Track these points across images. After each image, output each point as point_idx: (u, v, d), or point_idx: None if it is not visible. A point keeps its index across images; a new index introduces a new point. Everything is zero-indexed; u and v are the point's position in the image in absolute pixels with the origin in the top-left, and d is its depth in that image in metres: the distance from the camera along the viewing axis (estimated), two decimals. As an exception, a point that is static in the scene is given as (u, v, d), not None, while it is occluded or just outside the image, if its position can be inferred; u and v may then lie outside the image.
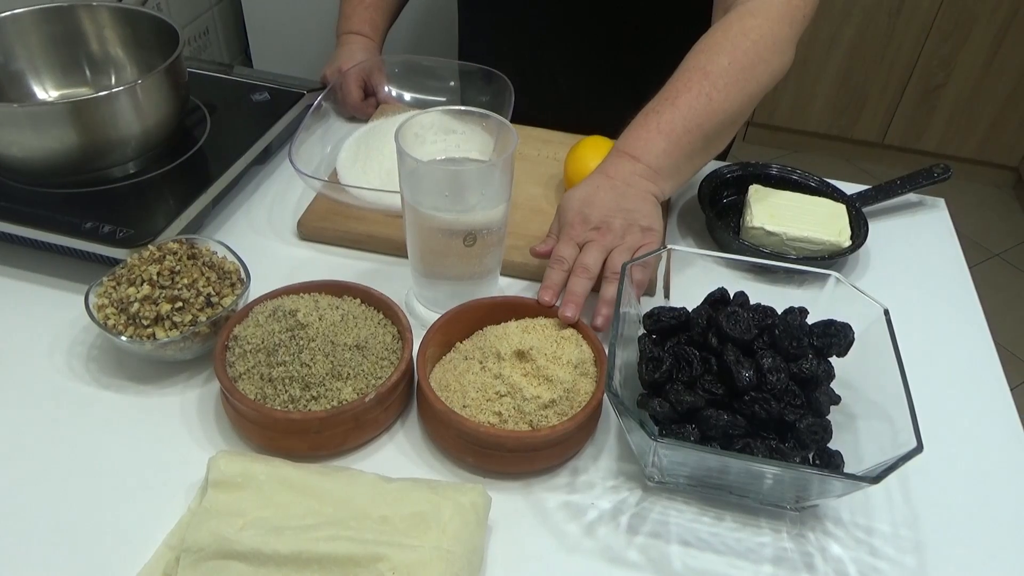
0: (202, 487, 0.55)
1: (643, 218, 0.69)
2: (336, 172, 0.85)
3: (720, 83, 0.70)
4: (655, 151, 0.70)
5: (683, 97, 0.70)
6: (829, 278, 0.64)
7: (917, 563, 0.55)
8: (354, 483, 0.54)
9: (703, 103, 0.69)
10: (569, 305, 0.63)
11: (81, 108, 0.71)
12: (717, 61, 0.71)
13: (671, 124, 0.70)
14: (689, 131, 0.70)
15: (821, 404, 0.57)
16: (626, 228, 0.68)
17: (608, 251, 0.67)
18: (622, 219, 0.68)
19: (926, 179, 0.87)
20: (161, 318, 0.61)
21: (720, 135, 0.73)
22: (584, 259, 0.66)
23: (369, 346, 0.60)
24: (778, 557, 0.55)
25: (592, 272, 0.66)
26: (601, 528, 0.56)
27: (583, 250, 0.67)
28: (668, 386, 0.57)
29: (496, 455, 0.57)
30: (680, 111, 0.70)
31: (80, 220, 0.70)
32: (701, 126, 0.70)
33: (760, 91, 0.73)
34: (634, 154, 0.70)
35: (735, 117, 0.72)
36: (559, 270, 0.66)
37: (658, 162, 0.70)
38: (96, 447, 0.59)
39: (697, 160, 0.73)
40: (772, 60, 0.72)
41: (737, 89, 0.71)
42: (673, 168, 0.71)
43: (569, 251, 0.67)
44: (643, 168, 0.70)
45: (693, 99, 0.69)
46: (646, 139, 0.70)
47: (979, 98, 2.32)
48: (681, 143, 0.70)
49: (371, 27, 1.01)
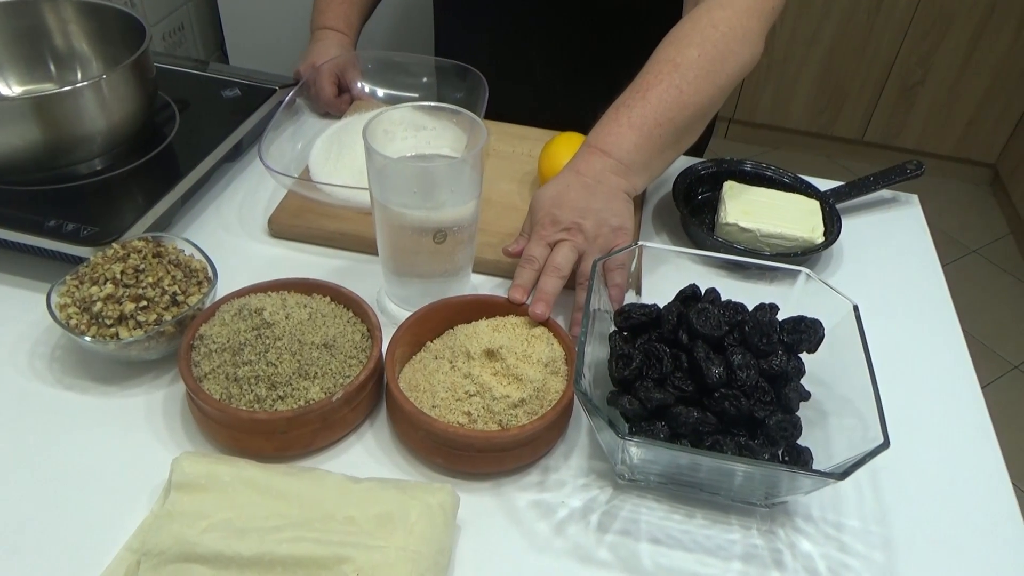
0: (165, 489, 0.54)
1: (613, 217, 0.68)
2: (308, 169, 0.84)
3: (690, 75, 0.69)
4: (626, 146, 0.69)
5: (653, 90, 0.69)
6: (800, 274, 0.64)
7: (886, 559, 0.55)
8: (320, 484, 0.53)
9: (674, 96, 0.69)
10: (539, 303, 0.63)
11: (44, 104, 0.70)
12: (687, 53, 0.70)
13: (642, 118, 0.69)
14: (660, 124, 0.69)
15: (791, 400, 0.57)
16: (597, 229, 0.67)
17: (580, 252, 0.67)
18: (593, 219, 0.67)
19: (899, 175, 0.87)
20: (125, 317, 0.60)
21: (691, 128, 0.72)
22: (555, 259, 0.66)
23: (337, 345, 0.60)
24: (748, 554, 0.55)
25: (563, 272, 0.65)
26: (571, 527, 0.56)
27: (554, 249, 0.67)
28: (638, 383, 0.57)
29: (465, 455, 0.56)
30: (651, 104, 0.69)
31: (44, 218, 0.69)
32: (672, 119, 0.69)
33: (730, 83, 0.72)
34: (605, 149, 0.69)
35: (706, 110, 0.71)
36: (530, 269, 0.66)
37: (629, 157, 0.69)
38: (58, 449, 0.58)
39: (668, 154, 0.73)
40: (741, 52, 0.72)
41: (707, 81, 0.70)
42: (644, 163, 0.70)
43: (540, 251, 0.67)
44: (614, 163, 0.69)
45: (663, 92, 0.69)
46: (617, 134, 0.69)
47: (957, 96, 2.34)
48: (652, 137, 0.69)
49: (345, 22, 1.00)
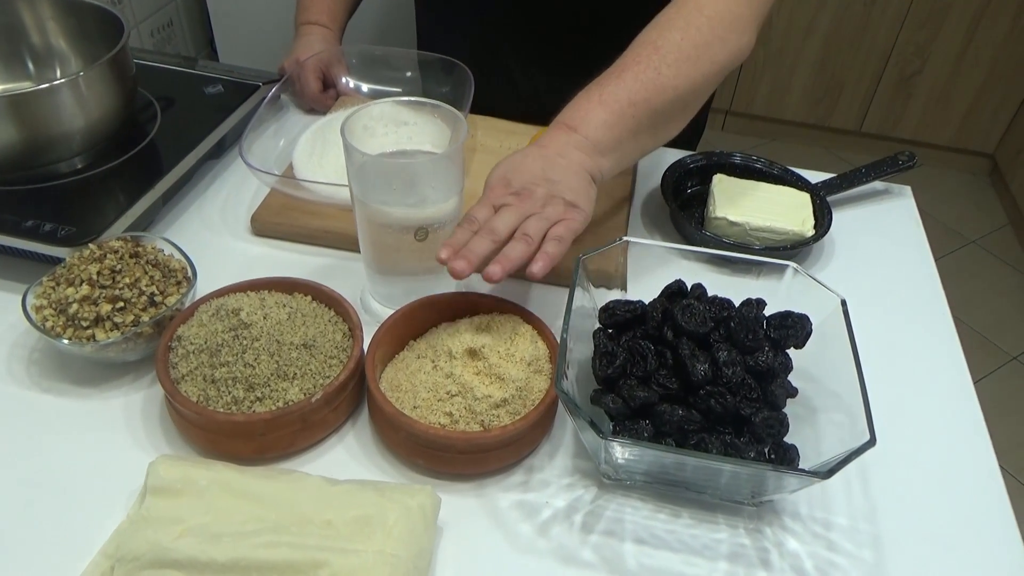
0: (142, 493, 0.53)
1: (568, 191, 0.62)
2: (292, 166, 0.83)
3: (671, 58, 0.66)
4: (594, 122, 0.64)
5: (630, 70, 0.66)
6: (787, 268, 0.63)
7: (875, 557, 0.55)
8: (298, 487, 0.52)
9: (651, 76, 0.65)
10: (460, 260, 0.57)
11: (21, 102, 0.69)
12: (668, 36, 0.67)
13: (614, 95, 0.65)
14: (634, 104, 0.65)
15: (777, 397, 0.56)
16: (548, 198, 0.62)
17: (524, 217, 0.61)
18: (546, 188, 0.62)
19: (891, 167, 0.86)
20: (101, 319, 0.59)
21: (670, 115, 0.68)
22: (494, 222, 0.60)
23: (318, 345, 0.59)
24: (734, 553, 0.54)
25: (499, 235, 0.59)
26: (555, 527, 0.55)
27: (497, 213, 0.61)
28: (622, 381, 0.56)
29: (447, 456, 0.56)
30: (625, 83, 0.65)
31: (21, 218, 0.68)
32: (648, 100, 0.65)
33: (716, 71, 0.68)
34: (571, 124, 0.65)
35: (687, 97, 0.67)
36: (467, 230, 0.60)
37: (596, 134, 0.64)
38: (36, 452, 0.58)
39: (643, 139, 0.68)
40: (728, 39, 0.68)
41: (689, 66, 0.66)
42: (614, 143, 0.65)
43: (483, 213, 0.61)
44: (579, 139, 0.64)
45: (640, 72, 0.65)
46: (586, 109, 0.65)
47: (954, 86, 2.33)
48: (624, 116, 0.65)
49: (329, 17, 0.99)
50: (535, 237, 0.59)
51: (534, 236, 0.59)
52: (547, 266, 0.58)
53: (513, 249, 0.59)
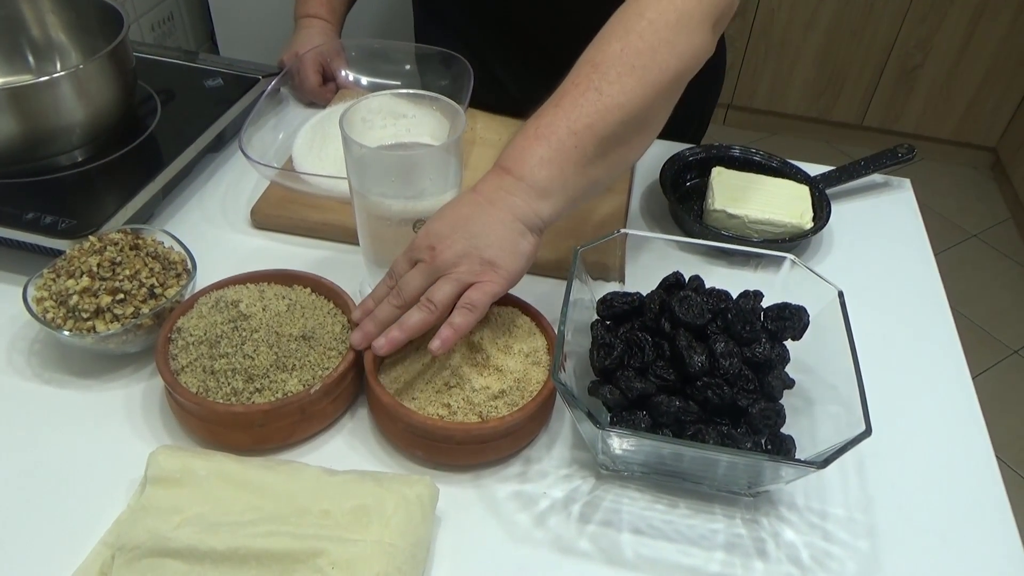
0: (141, 483, 0.53)
1: (487, 248, 0.56)
2: (292, 159, 0.83)
3: (612, 73, 0.58)
4: (531, 161, 0.57)
5: (568, 96, 0.58)
6: (785, 261, 0.63)
7: (870, 547, 0.55)
8: (297, 477, 0.52)
9: (591, 99, 0.58)
10: (357, 332, 0.58)
11: (21, 94, 0.69)
12: (607, 50, 0.59)
13: (551, 127, 0.58)
14: (575, 133, 0.57)
15: (774, 389, 0.56)
16: (459, 258, 0.56)
17: (434, 278, 0.57)
18: (462, 245, 0.56)
19: (891, 160, 0.86)
20: (101, 310, 0.59)
21: (622, 137, 0.59)
22: (403, 283, 0.57)
23: (317, 336, 0.59)
24: (730, 544, 0.54)
25: (405, 301, 0.57)
26: (552, 517, 0.55)
27: (408, 273, 0.58)
28: (619, 373, 0.56)
29: (445, 447, 0.56)
30: (563, 111, 0.58)
31: (22, 210, 0.68)
32: (591, 127, 0.57)
33: (669, 80, 0.60)
34: (505, 165, 0.58)
35: (638, 113, 0.59)
36: (385, 285, 0.59)
37: (533, 174, 0.57)
38: (37, 443, 0.58)
39: (593, 170, 0.59)
40: (677, 41, 0.60)
41: (634, 78, 0.58)
42: (557, 181, 0.58)
43: (401, 267, 0.59)
44: (512, 182, 0.57)
45: (579, 96, 0.58)
46: (522, 147, 0.58)
47: (956, 79, 2.32)
48: (565, 148, 0.57)
49: (328, 10, 0.99)
50: (439, 305, 0.56)
51: (438, 304, 0.56)
52: (448, 342, 0.55)
53: (411, 317, 0.56)
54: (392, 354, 0.62)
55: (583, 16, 0.66)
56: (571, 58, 0.61)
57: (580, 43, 0.62)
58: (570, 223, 0.78)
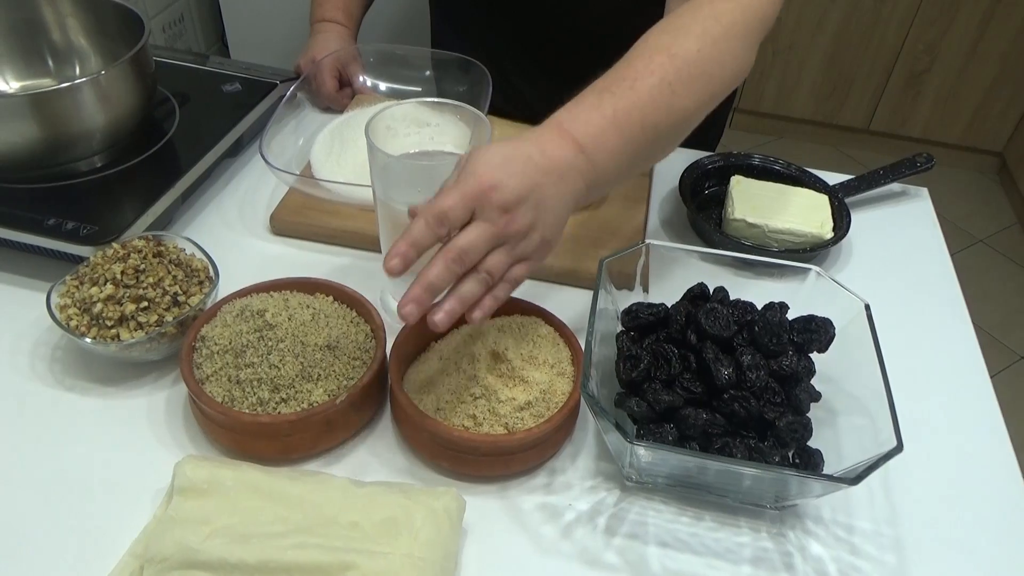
0: (168, 493, 0.53)
1: (547, 228, 0.54)
2: (310, 165, 0.83)
3: (685, 73, 0.57)
4: (606, 147, 0.56)
5: (644, 82, 0.57)
6: (810, 272, 0.63)
7: (898, 561, 0.55)
8: (324, 488, 0.52)
9: (666, 96, 0.57)
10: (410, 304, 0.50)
11: (43, 100, 0.69)
12: (685, 45, 0.58)
13: (628, 115, 0.56)
14: (644, 128, 0.57)
15: (801, 402, 0.56)
16: (531, 227, 0.53)
17: (497, 245, 0.53)
18: (532, 216, 0.53)
19: (909, 169, 0.86)
20: (125, 318, 0.59)
21: (668, 140, 0.60)
22: (461, 240, 0.51)
23: (341, 346, 0.59)
24: (757, 557, 0.54)
25: (467, 261, 0.51)
26: (578, 530, 0.55)
27: (471, 224, 0.51)
28: (646, 385, 0.56)
29: (471, 459, 0.56)
30: (640, 99, 0.56)
31: (43, 216, 0.68)
32: (658, 124, 0.57)
33: (724, 91, 0.61)
34: (582, 142, 0.55)
35: (690, 122, 0.60)
36: (432, 233, 0.50)
37: (604, 162, 0.56)
38: (60, 451, 0.58)
39: (637, 167, 0.60)
40: (739, 56, 0.61)
41: (701, 85, 0.58)
42: (613, 173, 0.57)
43: (459, 212, 0.51)
44: (584, 164, 0.55)
45: (655, 88, 0.57)
46: (599, 127, 0.56)
47: (964, 84, 2.32)
48: (635, 144, 0.57)
49: (345, 14, 0.99)
50: (495, 278, 0.53)
51: (495, 277, 0.53)
52: (487, 314, 0.53)
53: (469, 290, 0.52)
54: (415, 359, 0.62)
55: (601, 24, 0.66)
56: (588, 65, 0.61)
57: (597, 50, 0.61)
58: (590, 232, 0.78)
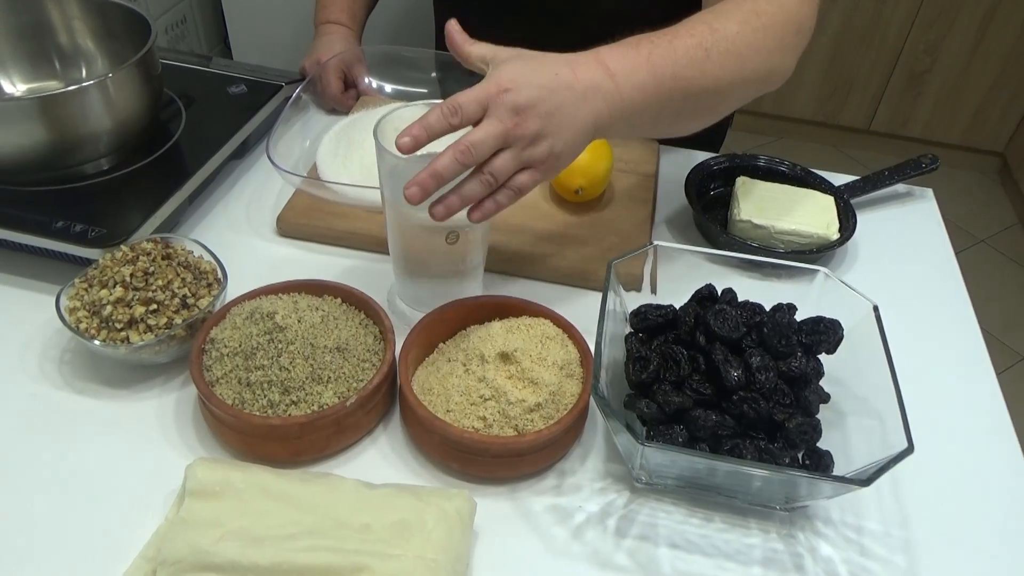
0: (179, 496, 0.53)
1: (560, 141, 0.55)
2: (316, 167, 0.83)
3: (723, 46, 0.61)
4: (635, 79, 0.58)
5: (683, 40, 0.60)
6: (818, 273, 0.63)
7: (907, 562, 0.55)
8: (335, 490, 0.52)
9: (700, 57, 0.60)
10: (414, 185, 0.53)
11: (50, 103, 0.69)
12: (727, 25, 0.62)
13: (663, 60, 0.59)
14: (676, 78, 0.59)
15: (810, 403, 0.56)
16: (540, 135, 0.54)
17: (505, 145, 0.54)
18: (542, 124, 0.54)
19: (914, 170, 0.86)
20: (135, 321, 0.59)
21: (698, 106, 0.63)
22: (473, 135, 0.52)
23: (350, 348, 0.59)
24: (767, 559, 0.54)
25: (472, 158, 0.53)
26: (589, 531, 0.55)
27: (482, 122, 0.53)
28: (655, 386, 0.56)
29: (481, 461, 0.56)
30: (675, 53, 0.59)
31: (51, 219, 0.68)
32: (689, 80, 0.60)
33: (754, 80, 0.64)
34: (612, 68, 0.57)
35: (720, 93, 0.63)
36: (445, 121, 0.53)
37: (631, 94, 0.58)
38: (69, 454, 0.58)
39: (662, 121, 0.62)
40: (775, 53, 0.65)
41: (736, 62, 0.61)
42: (639, 110, 0.59)
43: (473, 107, 0.53)
44: (611, 89, 0.57)
45: (692, 48, 0.60)
46: (633, 62, 0.58)
47: (964, 84, 2.32)
48: (663, 88, 0.59)
49: (349, 16, 0.99)
50: (499, 181, 0.55)
51: (498, 180, 0.54)
52: (488, 215, 0.55)
53: (470, 189, 0.54)
54: (424, 360, 0.62)
55: (610, 24, 0.66)
56: None
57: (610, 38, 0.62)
58: (595, 232, 0.78)
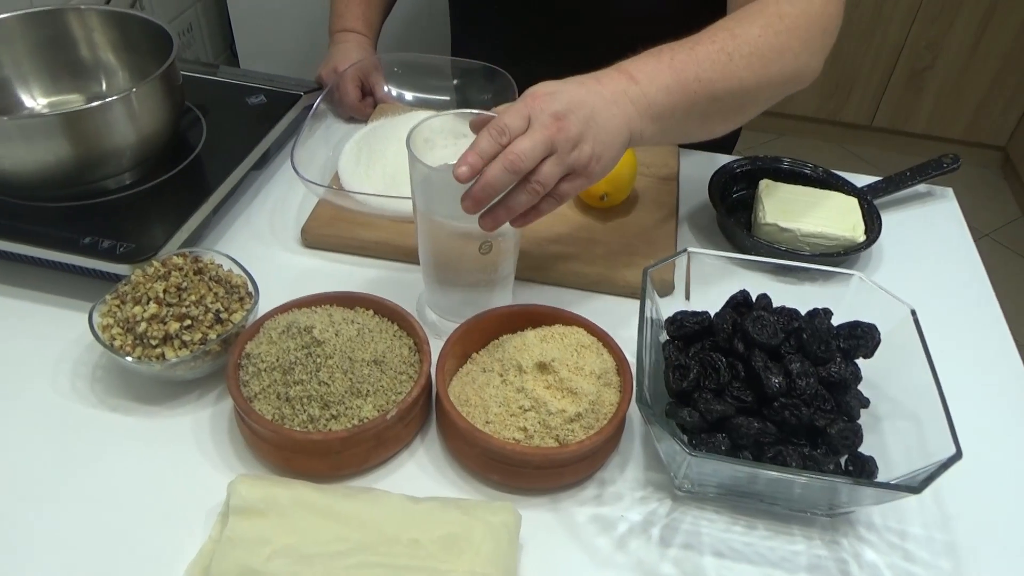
0: (222, 514, 0.53)
1: (599, 144, 0.56)
2: (338, 176, 0.82)
3: (745, 49, 0.62)
4: (659, 82, 0.59)
5: (703, 46, 0.62)
6: (852, 277, 0.63)
7: (952, 566, 0.55)
8: (380, 505, 0.52)
9: (722, 60, 0.61)
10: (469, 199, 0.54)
11: (76, 119, 0.68)
12: (748, 29, 0.63)
13: (684, 64, 0.60)
14: (700, 81, 0.60)
15: (852, 408, 0.56)
16: (581, 139, 0.55)
17: (550, 152, 0.55)
18: (582, 128, 0.55)
19: (936, 170, 0.86)
20: (170, 337, 0.59)
21: (724, 108, 0.64)
22: (519, 145, 0.53)
23: (387, 360, 0.59)
24: (813, 565, 0.54)
25: (522, 166, 0.53)
26: (633, 541, 0.55)
27: (526, 132, 0.54)
28: (696, 394, 0.56)
29: (523, 472, 0.56)
30: (697, 57, 0.61)
31: (78, 235, 0.68)
32: (713, 82, 0.61)
33: (780, 82, 0.66)
34: (635, 75, 0.59)
35: (746, 94, 0.64)
36: (495, 141, 0.54)
37: (656, 95, 0.59)
38: (107, 472, 0.57)
39: (691, 123, 0.64)
40: (800, 55, 0.65)
41: (760, 64, 0.63)
42: (667, 112, 0.60)
43: (517, 123, 0.54)
44: (638, 92, 0.59)
45: (713, 52, 0.61)
46: (655, 67, 0.60)
47: (966, 79, 2.33)
48: (688, 90, 0.60)
49: (365, 24, 0.99)
50: (545, 189, 0.55)
51: (545, 188, 0.55)
52: (526, 224, 0.57)
53: (517, 199, 0.55)
54: (457, 371, 0.62)
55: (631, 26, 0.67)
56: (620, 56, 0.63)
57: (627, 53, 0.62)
58: (622, 238, 0.78)
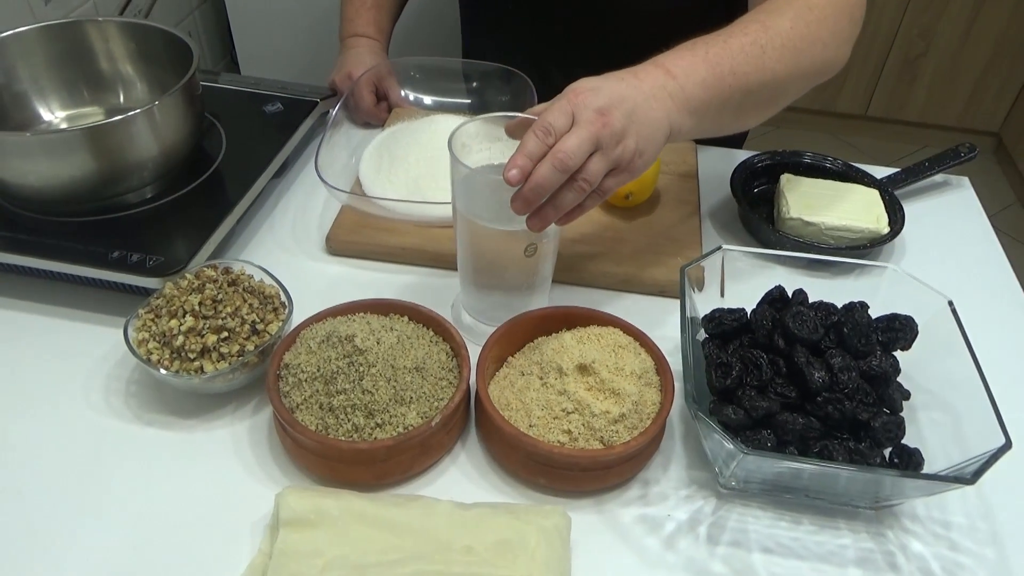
0: (271, 526, 0.53)
1: (641, 139, 0.57)
2: (359, 182, 0.82)
3: (777, 42, 0.63)
4: (695, 77, 0.60)
5: (737, 39, 0.62)
6: (886, 270, 0.63)
7: (997, 555, 0.55)
8: (431, 512, 0.52)
9: (755, 53, 0.62)
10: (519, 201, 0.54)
11: (99, 133, 0.68)
12: (779, 21, 0.64)
13: (719, 59, 0.61)
14: (734, 74, 0.61)
15: (894, 401, 0.57)
16: (625, 134, 0.55)
17: (597, 147, 0.55)
18: (625, 123, 0.55)
19: (953, 159, 0.87)
20: (207, 350, 0.59)
21: (757, 101, 0.64)
22: (566, 144, 0.53)
23: (427, 367, 0.59)
24: (861, 558, 0.54)
25: (571, 164, 0.53)
26: (681, 540, 0.55)
27: (572, 130, 0.54)
28: (739, 392, 0.56)
29: (569, 475, 0.56)
30: (731, 51, 0.61)
31: (105, 250, 0.67)
32: (747, 76, 0.61)
33: (811, 73, 0.66)
34: (672, 70, 0.60)
35: (779, 86, 0.64)
36: (541, 142, 0.53)
37: (693, 90, 0.59)
38: (149, 487, 0.57)
39: (725, 116, 0.64)
40: (830, 45, 0.66)
41: (791, 56, 0.63)
42: (704, 106, 0.60)
43: (561, 121, 0.54)
44: (676, 87, 0.59)
45: (747, 45, 0.62)
46: (690, 62, 0.60)
47: (959, 66, 2.34)
48: (723, 83, 0.61)
49: (376, 28, 0.98)
50: (592, 186, 0.55)
51: (591, 185, 0.55)
52: (571, 221, 0.58)
53: (564, 198, 0.55)
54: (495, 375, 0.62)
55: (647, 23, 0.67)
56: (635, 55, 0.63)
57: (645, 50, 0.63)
58: (647, 237, 0.78)
